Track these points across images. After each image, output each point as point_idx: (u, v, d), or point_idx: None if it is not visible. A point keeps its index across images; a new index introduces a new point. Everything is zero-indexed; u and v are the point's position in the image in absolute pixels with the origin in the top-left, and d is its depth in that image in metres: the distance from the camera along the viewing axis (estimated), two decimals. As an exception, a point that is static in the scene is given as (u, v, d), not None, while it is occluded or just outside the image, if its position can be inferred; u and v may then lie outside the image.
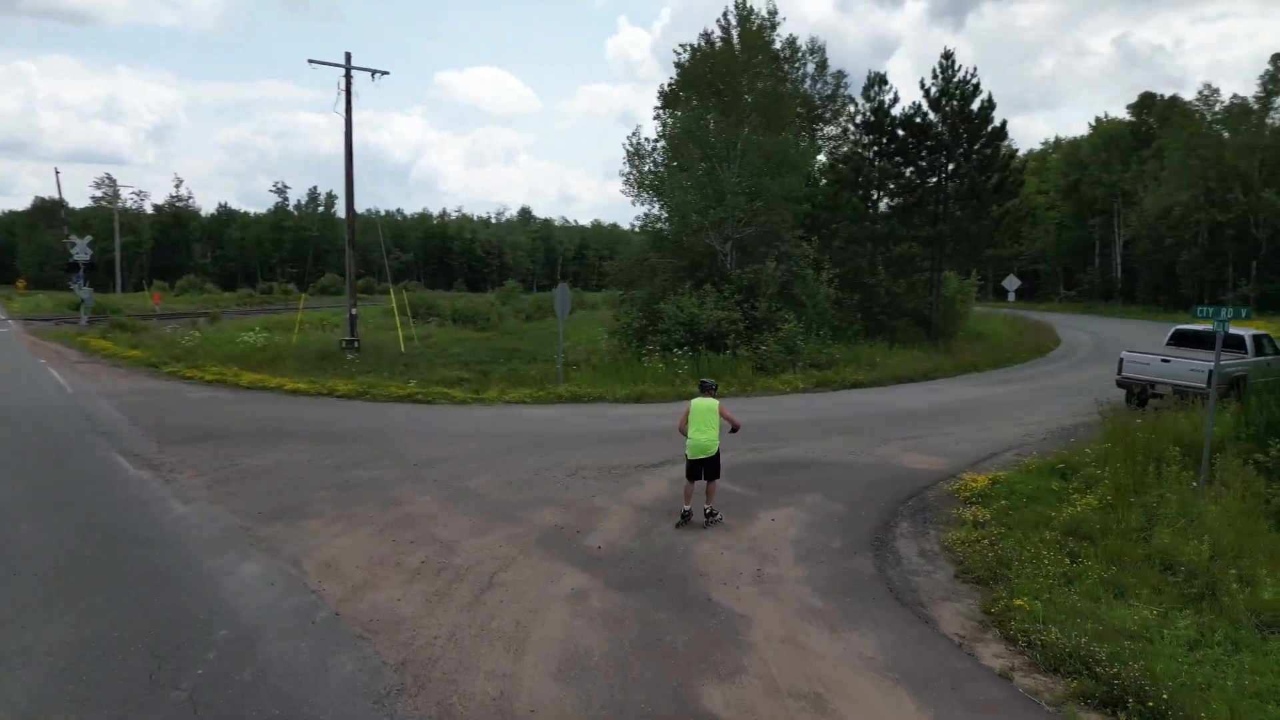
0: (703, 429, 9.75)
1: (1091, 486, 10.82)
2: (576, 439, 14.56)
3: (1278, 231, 47.85)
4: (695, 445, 9.70)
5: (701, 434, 9.71)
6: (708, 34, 32.98)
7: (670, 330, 24.45)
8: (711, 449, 9.72)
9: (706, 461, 9.73)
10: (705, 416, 9.83)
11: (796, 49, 38.88)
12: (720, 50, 31.32)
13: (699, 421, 9.81)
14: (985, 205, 30.86)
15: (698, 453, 9.68)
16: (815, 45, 40.09)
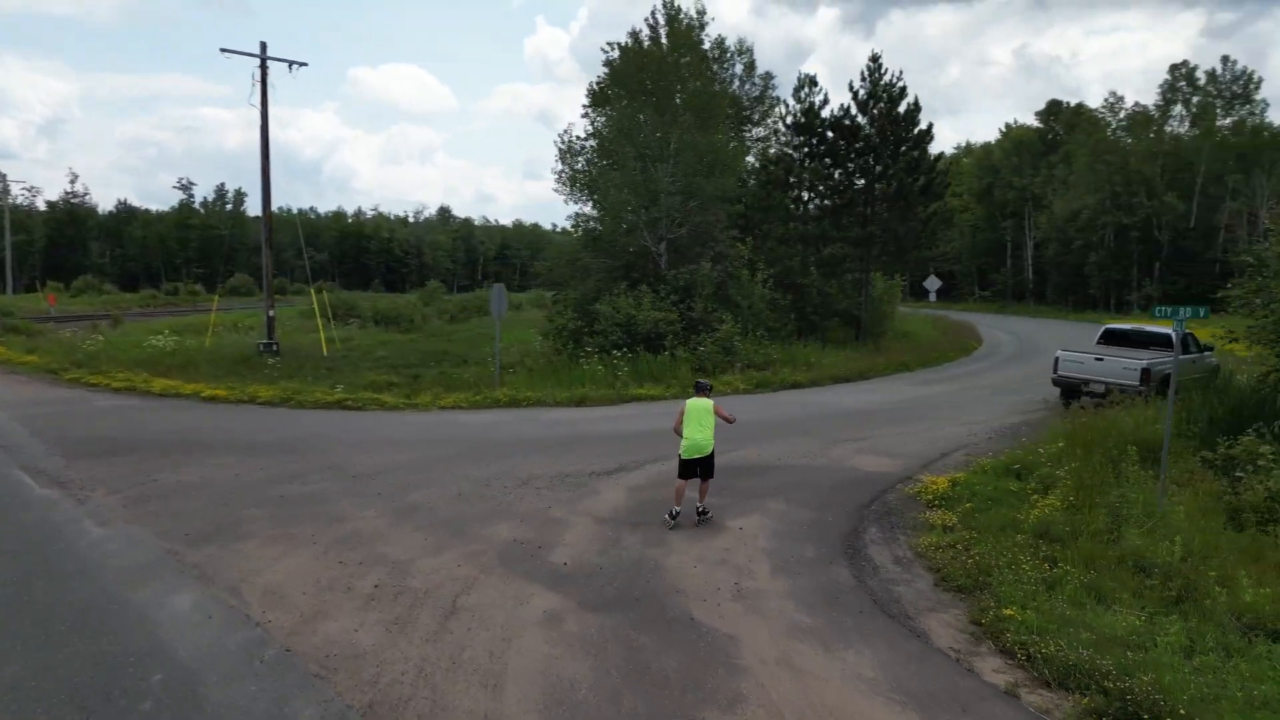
0: (699, 428, 9.76)
1: (1050, 487, 10.81)
2: (521, 445, 13.96)
3: (1178, 234, 50.16)
4: (691, 445, 9.71)
5: (698, 433, 9.72)
6: (635, 33, 32.67)
7: (607, 331, 23.99)
8: (707, 448, 9.77)
9: (702, 461, 9.79)
10: (701, 416, 9.84)
11: (725, 49, 38.88)
12: (650, 49, 30.99)
13: (695, 421, 9.81)
14: (912, 207, 31.35)
15: (693, 452, 9.71)
16: (743, 46, 40.23)
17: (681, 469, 9.85)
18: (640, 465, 12.61)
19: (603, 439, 14.66)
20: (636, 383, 21.10)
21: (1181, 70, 58.37)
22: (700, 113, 28.96)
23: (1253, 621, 7.14)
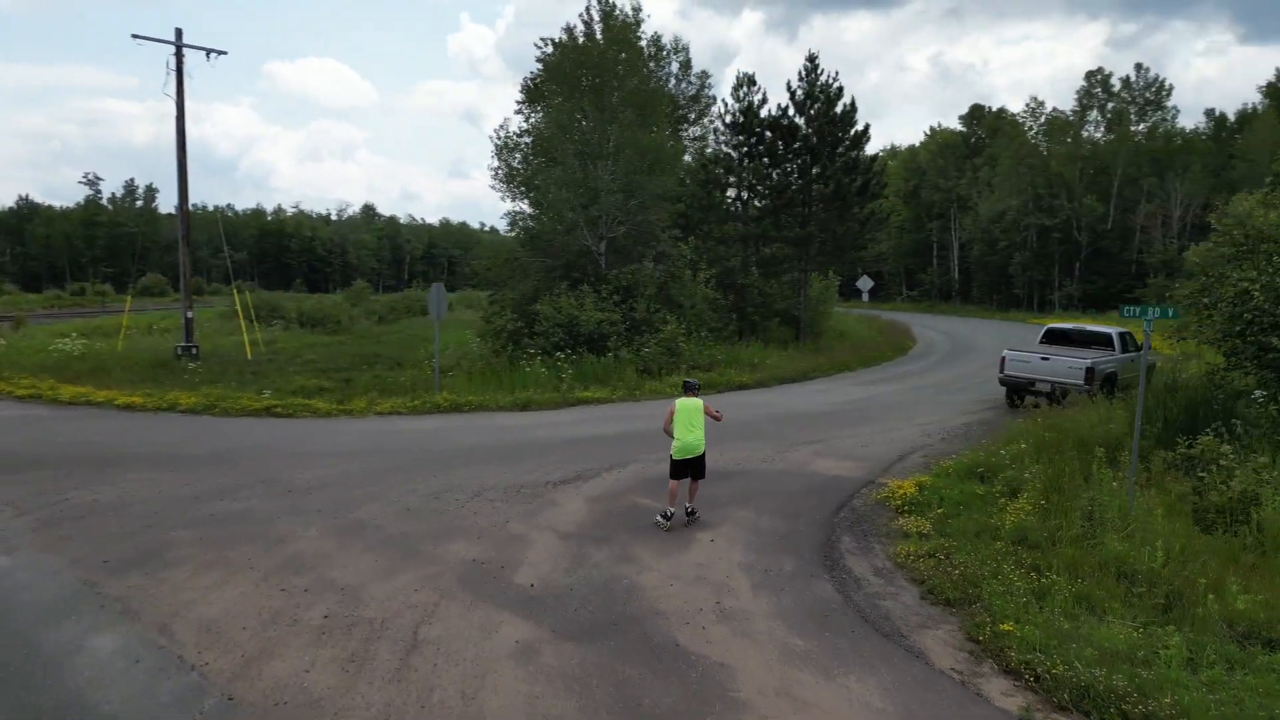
0: (690, 429, 9.67)
1: (1017, 490, 10.65)
2: (468, 454, 13.26)
3: (1097, 235, 51.82)
4: (683, 446, 9.60)
5: (690, 434, 9.63)
6: (570, 29, 32.06)
7: (549, 332, 23.36)
8: (699, 448, 9.70)
9: (694, 461, 9.72)
10: (692, 416, 9.74)
11: (661, 47, 38.49)
12: (588, 45, 30.41)
13: (686, 421, 9.70)
14: (850, 207, 31.50)
15: (685, 453, 9.63)
16: (679, 44, 39.94)
17: (673, 470, 9.72)
18: (597, 473, 12.05)
19: (554, 445, 14.05)
20: (582, 385, 20.52)
21: (1097, 77, 60.43)
22: (640, 110, 28.53)
23: (1246, 630, 6.98)
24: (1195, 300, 14.78)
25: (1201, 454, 10.97)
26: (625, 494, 10.97)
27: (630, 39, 32.19)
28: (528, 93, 36.17)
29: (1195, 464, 11.03)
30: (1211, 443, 10.74)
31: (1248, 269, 13.08)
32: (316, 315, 41.21)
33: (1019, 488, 10.71)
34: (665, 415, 9.94)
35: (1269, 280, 12.52)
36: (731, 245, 31.71)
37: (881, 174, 33.42)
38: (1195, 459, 11.06)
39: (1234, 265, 14.15)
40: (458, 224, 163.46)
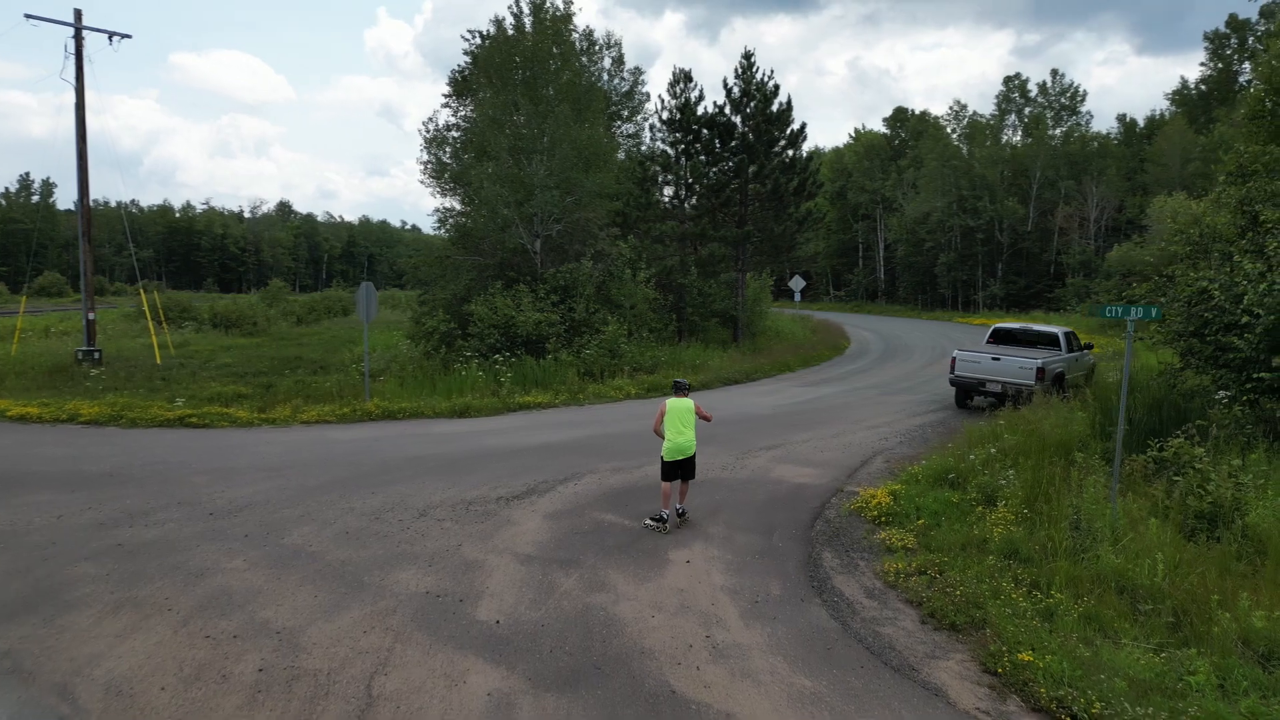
0: (682, 430, 9.54)
1: (993, 499, 10.25)
2: (409, 467, 12.26)
3: (1019, 236, 53.05)
4: (675, 447, 9.45)
5: (681, 435, 9.49)
6: (499, 21, 31.01)
7: (484, 334, 22.36)
8: (690, 449, 9.55)
9: (685, 462, 9.56)
10: (683, 417, 9.64)
11: (593, 41, 37.69)
12: (520, 37, 29.38)
13: (677, 422, 9.59)
14: (786, 206, 31.25)
15: (677, 454, 9.45)
16: (611, 40, 39.12)
17: (665, 472, 9.52)
18: (551, 487, 11.22)
19: (500, 455, 13.14)
20: (522, 390, 19.61)
21: (1015, 82, 61.99)
22: (577, 103, 27.65)
23: (1266, 650, 6.59)
24: (1149, 299, 14.72)
25: (1174, 457, 10.77)
26: (586, 509, 10.17)
27: (562, 31, 31.31)
28: (455, 86, 35.01)
29: (1166, 467, 10.81)
30: (1185, 446, 10.51)
31: (1204, 268, 13.01)
32: (231, 316, 39.14)
33: (994, 495, 10.31)
34: (655, 416, 9.78)
35: (1228, 280, 12.46)
36: (669, 244, 31.13)
37: (817, 173, 33.27)
38: (1167, 462, 10.85)
39: (1187, 264, 14.14)
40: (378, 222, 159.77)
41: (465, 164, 28.09)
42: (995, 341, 19.22)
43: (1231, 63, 54.72)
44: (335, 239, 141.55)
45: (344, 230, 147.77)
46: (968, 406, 18.53)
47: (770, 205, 31.10)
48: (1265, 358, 11.78)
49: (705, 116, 31.17)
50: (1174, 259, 14.76)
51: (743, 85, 31.59)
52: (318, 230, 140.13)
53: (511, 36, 29.21)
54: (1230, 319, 12.31)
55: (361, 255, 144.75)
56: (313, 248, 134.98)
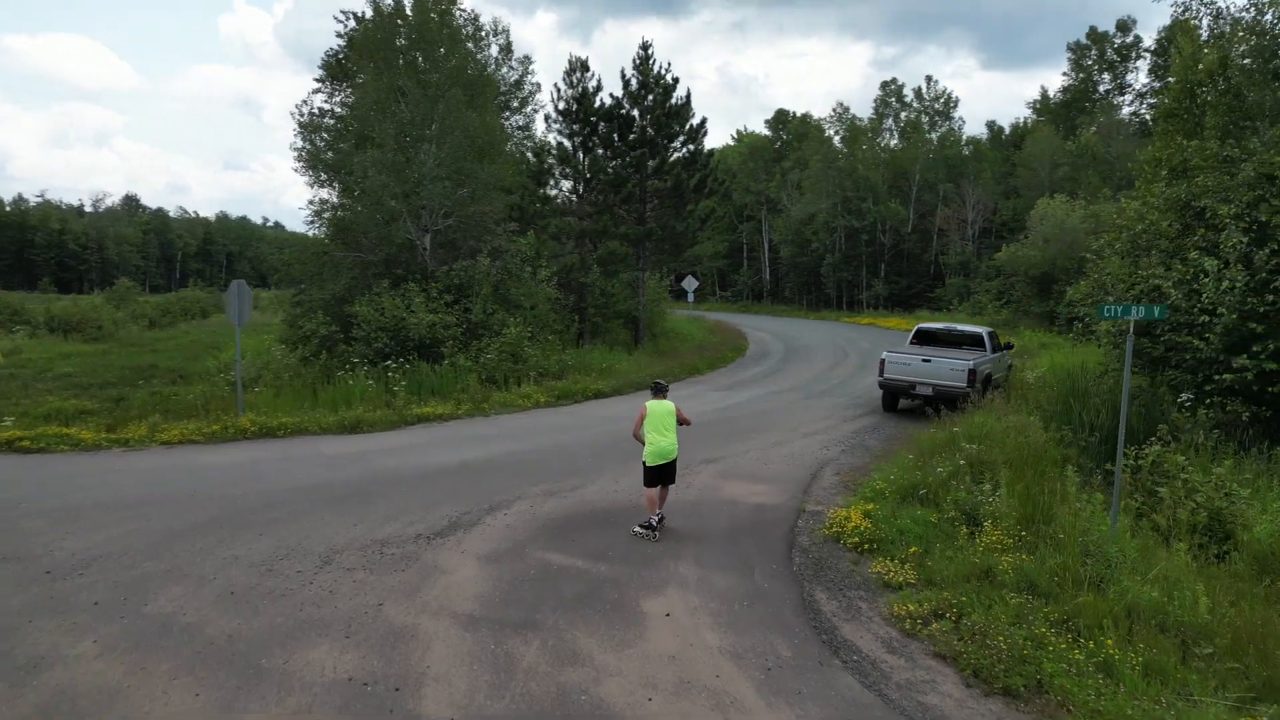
0: (664, 432, 9.11)
1: (976, 518, 9.29)
2: (300, 498, 10.31)
3: (900, 237, 54.13)
4: (658, 450, 9.02)
5: (663, 438, 9.07)
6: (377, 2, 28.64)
7: (370, 337, 20.22)
8: (672, 453, 9.15)
9: (668, 466, 9.16)
10: (665, 419, 9.19)
11: (480, 26, 35.63)
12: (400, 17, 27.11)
13: (659, 425, 9.13)
14: (687, 203, 30.25)
15: (659, 458, 9.04)
16: (499, 27, 37.25)
17: (647, 477, 9.13)
18: (478, 519, 9.55)
19: (407, 480, 11.33)
20: (419, 400, 17.68)
21: (891, 87, 63.50)
22: (470, 88, 25.71)
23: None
24: (1088, 299, 14.27)
25: (1153, 466, 10.12)
26: (527, 548, 8.57)
27: (449, 11, 29.22)
28: (330, 70, 32.36)
29: (1140, 475, 10.15)
30: (1171, 456, 9.85)
31: (1148, 266, 12.57)
32: (72, 319, 35.01)
33: (977, 513, 9.35)
34: (635, 419, 9.30)
35: (1180, 277, 12.02)
36: (566, 242, 29.57)
37: (717, 169, 32.43)
38: (1147, 471, 10.18)
39: (1126, 262, 13.75)
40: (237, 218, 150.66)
41: (344, 152, 25.67)
42: (919, 342, 18.65)
43: (1091, 73, 57.66)
44: (190, 236, 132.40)
45: (200, 227, 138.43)
46: (896, 410, 17.86)
47: (671, 202, 30.01)
48: (1225, 358, 11.38)
49: (604, 109, 29.76)
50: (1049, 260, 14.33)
51: (641, 78, 30.35)
52: (170, 227, 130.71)
53: (391, 15, 26.95)
54: (1185, 318, 11.87)
55: (220, 253, 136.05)
56: (165, 245, 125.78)
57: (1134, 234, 13.05)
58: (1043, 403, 13.99)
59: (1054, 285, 34.31)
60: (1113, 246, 14.14)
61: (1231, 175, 12.73)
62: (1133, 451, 10.44)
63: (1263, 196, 11.82)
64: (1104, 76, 57.36)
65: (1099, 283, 13.95)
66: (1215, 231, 12.08)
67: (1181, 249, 12.63)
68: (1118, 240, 13.93)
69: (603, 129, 29.74)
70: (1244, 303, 11.06)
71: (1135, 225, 13.04)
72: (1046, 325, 33.47)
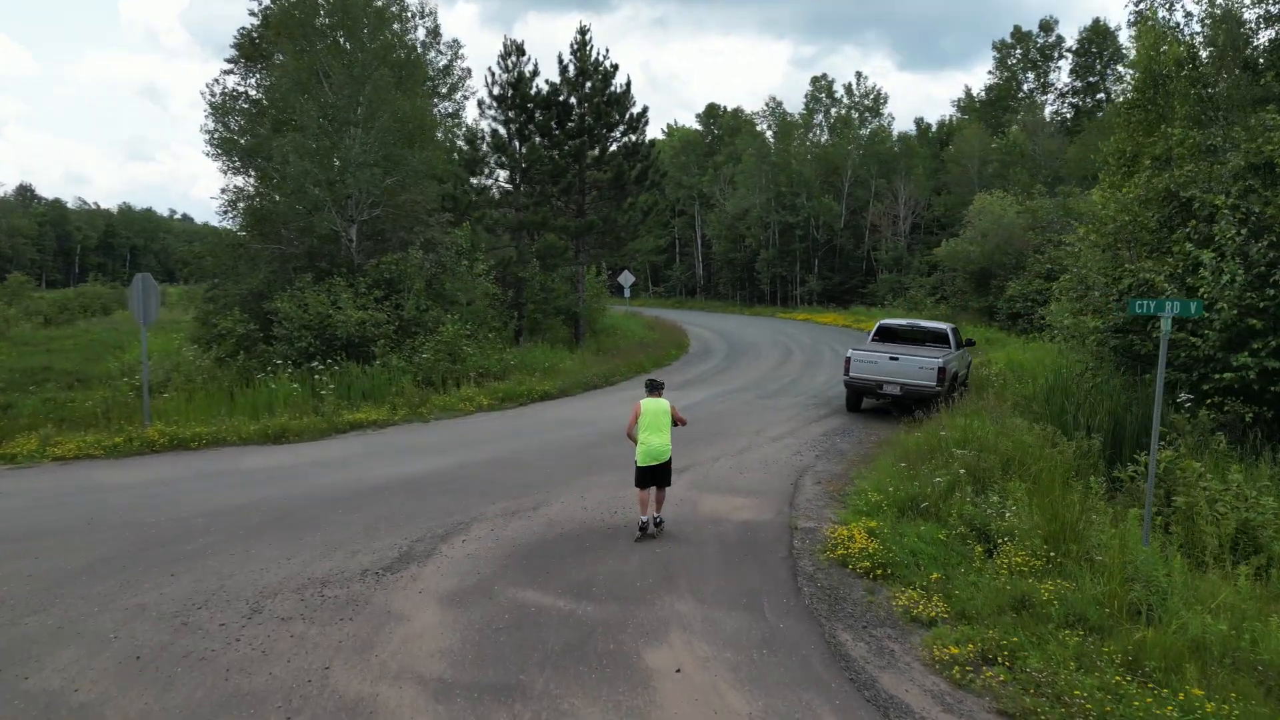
0: (656, 432, 8.87)
1: (986, 534, 8.46)
2: (221, 525, 8.85)
3: (834, 233, 54.04)
4: (648, 451, 8.78)
5: (655, 438, 8.84)
6: (294, -21, 26.70)
7: (294, 336, 18.55)
8: (665, 454, 8.89)
9: (659, 468, 8.86)
10: (658, 419, 8.96)
11: (405, 7, 33.79)
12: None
13: (651, 424, 8.89)
14: (627, 195, 29.13)
15: (651, 459, 8.78)
16: (426, 8, 35.36)
17: (639, 478, 8.85)
18: (433, 548, 8.28)
19: (345, 500, 9.95)
20: (350, 404, 16.16)
21: (822, 82, 63.44)
22: (397, 70, 24.06)
23: None
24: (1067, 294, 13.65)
25: (1165, 473, 9.43)
26: (495, 585, 7.35)
27: (372, -7, 27.43)
28: (242, 50, 30.23)
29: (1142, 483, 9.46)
30: (1188, 463, 9.15)
31: (1144, 259, 11.98)
32: (-46, 317, 31.93)
33: (988, 529, 8.52)
34: (630, 418, 9.06)
35: (1172, 271, 11.44)
36: (502, 234, 28.13)
37: (658, 161, 31.39)
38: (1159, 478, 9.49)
39: (1105, 257, 13.18)
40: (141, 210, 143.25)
41: (261, 137, 23.76)
42: (881, 339, 17.92)
43: (1016, 71, 58.61)
44: (90, 229, 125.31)
45: (101, 219, 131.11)
46: (859, 410, 17.10)
47: (612, 193, 28.83)
48: (1224, 356, 10.82)
49: (540, 96, 28.36)
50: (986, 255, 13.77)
51: (578, 64, 29.06)
52: (68, 218, 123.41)
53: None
54: (1180, 314, 11.26)
55: (123, 247, 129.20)
56: (62, 238, 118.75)
57: (1119, 226, 12.44)
58: (1027, 403, 13.32)
59: (992, 280, 34.32)
60: (1089, 240, 13.54)
61: (1214, 165, 12.25)
62: (1140, 457, 9.73)
63: (1252, 187, 11.33)
64: (1028, 75, 58.35)
65: (1079, 278, 13.34)
66: (1206, 223, 11.54)
67: (1166, 242, 12.08)
68: (1094, 234, 13.32)
69: (539, 116, 28.34)
70: (1242, 298, 10.51)
71: (1122, 217, 12.43)
72: (986, 320, 33.44)
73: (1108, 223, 13.00)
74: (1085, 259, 13.63)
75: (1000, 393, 15.43)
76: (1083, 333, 13.14)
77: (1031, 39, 57.64)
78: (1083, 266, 13.50)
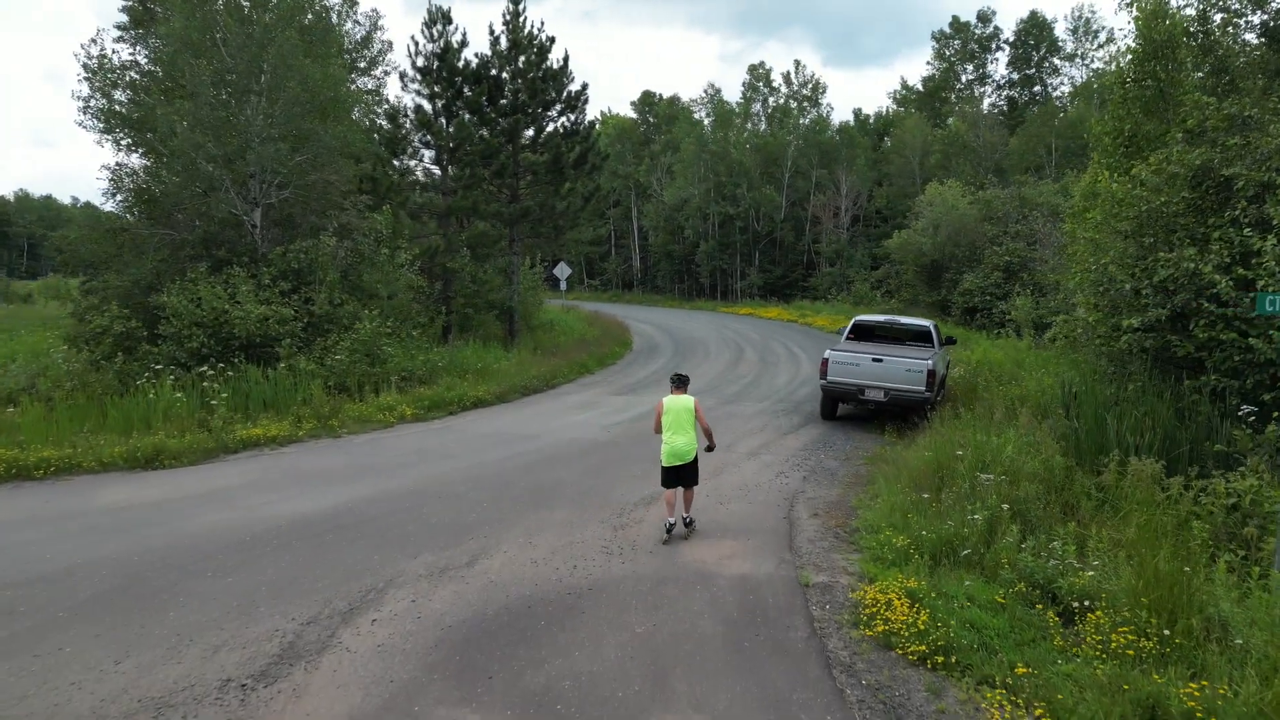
0: (679, 431, 8.27)
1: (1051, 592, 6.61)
2: (41, 600, 6.42)
3: (775, 224, 52.55)
4: (671, 451, 8.22)
5: (679, 437, 8.23)
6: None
7: (183, 335, 15.89)
8: (689, 454, 8.27)
9: (684, 468, 8.28)
10: (681, 417, 8.35)
11: (318, -27, 30.79)
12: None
13: (674, 423, 8.32)
14: (566, 179, 26.85)
15: (674, 459, 8.21)
16: (341, -28, 32.39)
17: (664, 478, 8.40)
18: (333, 633, 6.01)
19: (219, 554, 7.57)
20: (246, 417, 13.64)
21: (760, 70, 61.98)
22: (306, 34, 21.34)
23: None
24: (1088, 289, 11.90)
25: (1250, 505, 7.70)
26: (417, 703, 5.11)
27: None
28: (133, 15, 26.97)
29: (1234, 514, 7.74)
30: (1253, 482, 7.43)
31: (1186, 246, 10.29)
32: None
33: (1051, 586, 6.68)
34: (654, 415, 8.65)
35: (1221, 261, 9.78)
36: (428, 221, 25.58)
37: (599, 143, 29.16)
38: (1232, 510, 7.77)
39: (1130, 243, 11.51)
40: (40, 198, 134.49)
41: (148, 107, 20.76)
42: (857, 337, 16.09)
43: (954, 63, 58.01)
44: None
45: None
46: (835, 418, 15.27)
47: (549, 178, 26.51)
48: (1290, 360, 9.19)
49: (470, 69, 25.84)
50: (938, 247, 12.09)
51: (511, 36, 26.64)
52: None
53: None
54: (1232, 310, 9.62)
55: (20, 237, 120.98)
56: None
57: (1152, 208, 10.75)
58: (1041, 413, 11.57)
59: (945, 274, 33.06)
60: (1109, 226, 11.85)
61: (1248, 139, 10.65)
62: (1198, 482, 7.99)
63: (1305, 163, 9.75)
64: (966, 67, 57.80)
65: (1104, 269, 11.57)
66: (1253, 204, 9.92)
67: (1204, 226, 10.45)
68: (1117, 219, 11.63)
69: (469, 92, 25.81)
70: (1313, 293, 8.88)
71: (1156, 198, 10.73)
72: (941, 315, 32.15)
73: (1130, 206, 11.30)
74: (1103, 249, 11.93)
75: (995, 400, 13.73)
76: (1103, 333, 11.43)
77: (970, 30, 57.07)
78: (1099, 258, 11.78)
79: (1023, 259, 28.41)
